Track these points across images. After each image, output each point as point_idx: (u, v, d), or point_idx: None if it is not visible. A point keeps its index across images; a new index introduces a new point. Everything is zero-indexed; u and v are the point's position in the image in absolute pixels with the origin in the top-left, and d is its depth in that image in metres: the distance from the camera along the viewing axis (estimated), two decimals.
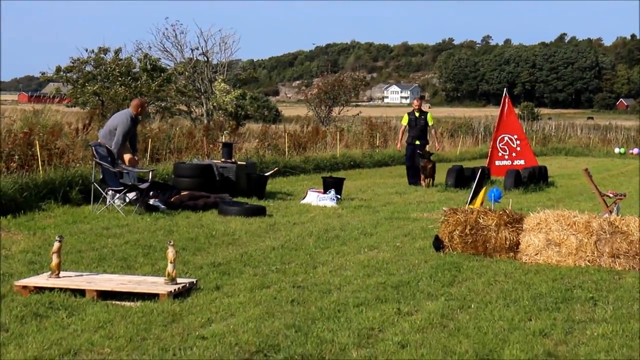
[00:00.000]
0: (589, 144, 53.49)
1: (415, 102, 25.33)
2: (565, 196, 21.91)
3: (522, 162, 27.12)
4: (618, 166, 38.34)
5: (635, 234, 11.78)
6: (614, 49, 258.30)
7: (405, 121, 24.80)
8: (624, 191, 17.46)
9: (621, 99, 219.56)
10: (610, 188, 19.95)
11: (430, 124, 24.58)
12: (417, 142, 24.13)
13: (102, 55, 43.32)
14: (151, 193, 16.55)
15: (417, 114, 24.42)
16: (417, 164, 23.78)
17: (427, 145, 24.68)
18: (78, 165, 19.34)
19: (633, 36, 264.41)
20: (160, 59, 46.64)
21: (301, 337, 7.70)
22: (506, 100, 27.91)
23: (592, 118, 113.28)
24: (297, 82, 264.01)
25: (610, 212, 14.30)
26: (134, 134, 17.66)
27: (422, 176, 23.61)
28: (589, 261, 11.87)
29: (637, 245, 11.71)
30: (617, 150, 48.87)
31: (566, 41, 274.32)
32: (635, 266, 11.66)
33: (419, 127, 24.33)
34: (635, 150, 48.02)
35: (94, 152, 16.16)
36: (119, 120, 17.29)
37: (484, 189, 14.13)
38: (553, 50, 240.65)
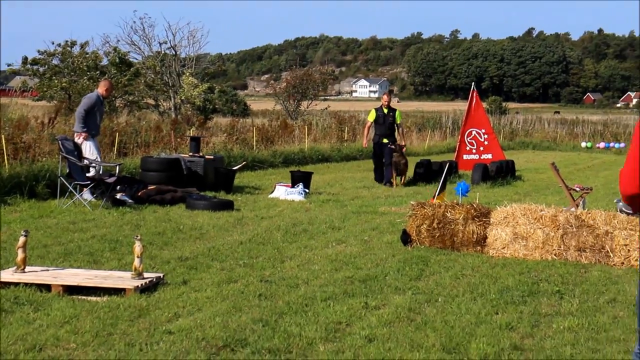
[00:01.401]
0: (556, 138, 53.77)
1: (385, 98, 23.61)
2: (532, 190, 22.01)
3: (489, 156, 27.29)
4: (585, 160, 38.59)
5: (602, 227, 11.86)
6: (581, 44, 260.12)
7: (372, 117, 23.18)
8: (590, 185, 17.57)
9: (588, 93, 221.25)
10: (577, 182, 20.08)
11: (398, 121, 23.05)
12: (385, 140, 22.56)
13: (69, 49, 43.15)
14: (118, 187, 16.47)
15: (385, 110, 22.87)
16: (387, 162, 22.29)
17: (396, 143, 22.56)
18: (44, 159, 19.23)
19: (600, 31, 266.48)
20: (129, 52, 46.54)
21: (268, 332, 7.68)
22: (474, 94, 28.05)
23: (558, 112, 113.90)
24: (266, 76, 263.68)
25: (577, 206, 14.39)
26: (101, 112, 17.52)
27: (394, 173, 22.04)
28: (555, 255, 11.94)
29: (603, 239, 11.79)
30: (583, 144, 49.16)
31: (534, 36, 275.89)
32: (601, 260, 11.74)
33: (386, 124, 22.83)
34: (602, 145, 48.33)
35: (61, 146, 16.05)
36: (85, 97, 17.35)
37: (447, 184, 14.16)
38: (521, 45, 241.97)
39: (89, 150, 16.79)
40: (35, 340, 7.22)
